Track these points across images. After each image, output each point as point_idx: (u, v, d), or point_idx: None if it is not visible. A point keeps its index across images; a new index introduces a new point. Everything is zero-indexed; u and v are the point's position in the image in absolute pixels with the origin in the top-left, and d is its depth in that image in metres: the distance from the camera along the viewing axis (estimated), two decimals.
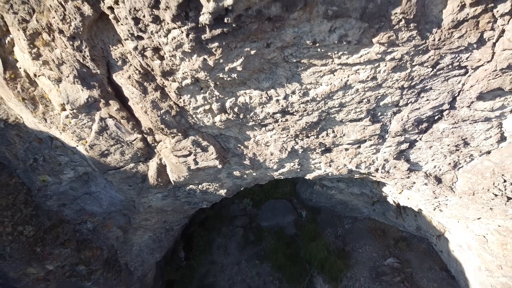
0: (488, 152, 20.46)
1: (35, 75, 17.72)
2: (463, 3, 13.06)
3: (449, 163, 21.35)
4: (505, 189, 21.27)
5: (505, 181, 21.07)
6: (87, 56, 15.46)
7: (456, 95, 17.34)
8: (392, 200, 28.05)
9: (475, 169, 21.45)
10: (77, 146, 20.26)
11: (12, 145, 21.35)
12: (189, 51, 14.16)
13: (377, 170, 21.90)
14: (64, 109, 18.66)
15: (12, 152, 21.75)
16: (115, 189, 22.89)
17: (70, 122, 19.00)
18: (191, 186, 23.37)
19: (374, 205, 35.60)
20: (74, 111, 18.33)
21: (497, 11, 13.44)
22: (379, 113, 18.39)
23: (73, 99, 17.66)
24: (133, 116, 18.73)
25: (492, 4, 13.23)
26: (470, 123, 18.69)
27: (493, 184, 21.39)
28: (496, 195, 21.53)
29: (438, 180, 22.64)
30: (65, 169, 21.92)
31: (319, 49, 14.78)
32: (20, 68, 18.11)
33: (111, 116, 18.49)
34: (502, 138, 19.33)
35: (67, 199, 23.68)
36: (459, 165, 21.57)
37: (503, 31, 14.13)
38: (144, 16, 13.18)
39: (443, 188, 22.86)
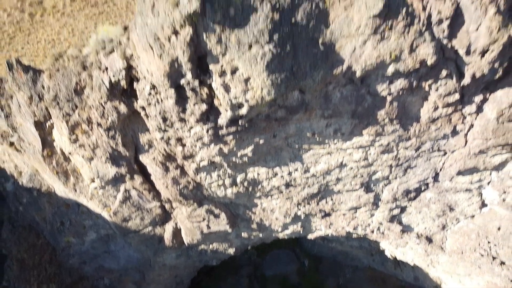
0: (472, 216, 22.74)
1: (70, 154, 20.34)
2: (436, 105, 15.81)
3: (438, 225, 23.56)
4: (490, 250, 23.37)
5: (489, 242, 23.22)
6: (119, 142, 18.12)
7: (438, 171, 19.86)
8: (389, 254, 29.96)
9: (462, 231, 23.63)
10: (102, 212, 22.58)
11: (42, 210, 23.69)
12: (208, 142, 16.80)
13: (372, 231, 24.08)
14: (93, 181, 21.13)
15: (41, 216, 24.05)
16: (133, 249, 24.99)
17: (98, 192, 21.42)
18: (202, 246, 25.49)
19: (373, 256, 37.37)
20: (102, 183, 20.79)
21: (465, 111, 16.21)
22: (372, 185, 20.81)
23: (102, 174, 20.18)
24: (154, 188, 21.18)
25: (461, 106, 16.00)
26: (454, 193, 21.08)
27: (479, 244, 23.53)
28: (482, 255, 23.60)
29: (429, 240, 24.76)
30: (88, 232, 24.14)
31: (317, 138, 17.43)
32: (56, 146, 20.75)
33: (134, 188, 20.94)
34: (484, 205, 21.69)
35: (88, 257, 25.72)
36: (447, 227, 23.77)
37: (472, 125, 16.86)
38: (171, 117, 15.91)
39: (434, 247, 24.93)
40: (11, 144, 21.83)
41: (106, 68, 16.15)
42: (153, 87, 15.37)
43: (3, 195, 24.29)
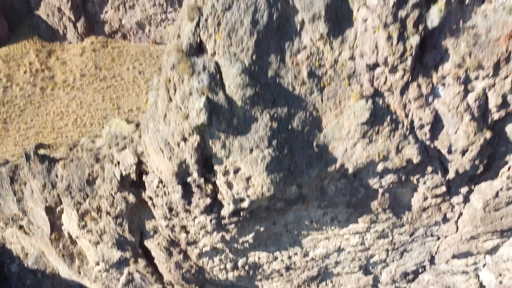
0: None
1: (77, 237, 21.06)
2: (426, 196, 16.87)
3: None
4: None
5: None
6: (126, 229, 18.96)
7: (434, 254, 20.48)
8: None
9: None
10: None
11: None
12: (211, 230, 17.64)
13: None
14: (97, 264, 21.63)
15: None
16: None
17: (102, 275, 21.82)
18: None
19: None
20: (107, 266, 21.28)
21: (453, 201, 17.25)
22: (371, 267, 21.29)
23: (107, 258, 20.74)
24: (157, 271, 21.61)
25: (449, 196, 17.07)
26: (451, 275, 21.49)
27: None
28: None
29: None
30: None
31: (315, 225, 18.29)
32: (64, 230, 21.53)
33: (137, 271, 21.38)
34: (482, 286, 21.96)
35: None
36: None
37: (461, 213, 17.81)
38: (177, 207, 16.91)
39: None
40: (21, 227, 22.63)
41: (118, 163, 17.45)
42: (161, 181, 16.54)
43: (7, 276, 24.58)
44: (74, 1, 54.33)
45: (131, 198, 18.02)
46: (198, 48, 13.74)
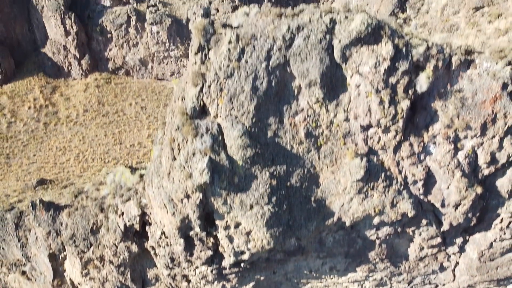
0: None
1: (79, 284, 21.28)
2: (422, 246, 17.29)
3: None
4: None
5: None
6: (128, 277, 19.23)
7: None
8: None
9: None
10: None
11: None
12: (212, 280, 17.95)
13: None
14: None
15: None
16: None
17: None
18: None
19: None
20: None
21: (449, 251, 17.66)
22: None
23: None
24: None
25: (444, 247, 17.49)
26: None
27: None
28: None
29: None
30: None
31: (314, 274, 18.61)
32: (66, 277, 21.76)
33: None
34: None
35: None
36: None
37: (457, 262, 18.18)
38: (179, 258, 17.28)
39: None
40: (23, 272, 22.86)
41: (122, 213, 17.97)
42: (164, 233, 17.02)
43: None
44: (79, 39, 56.10)
45: (134, 248, 18.44)
46: (201, 111, 14.56)
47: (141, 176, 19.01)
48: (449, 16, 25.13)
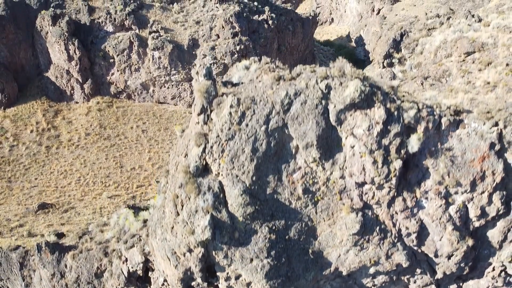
0: None
1: None
2: None
3: None
4: None
5: None
6: None
7: None
8: None
9: None
10: None
11: None
12: None
13: None
14: None
15: None
16: None
17: None
18: None
19: None
20: None
21: None
22: None
23: None
24: None
25: None
26: None
27: None
28: None
29: None
30: None
31: None
32: None
33: None
34: None
35: None
36: None
37: None
38: None
39: None
40: None
41: (126, 260, 18.53)
42: (166, 280, 17.56)
43: None
44: (82, 64, 57.17)
45: None
46: (203, 169, 15.28)
47: (145, 221, 19.62)
48: (442, 59, 26.08)
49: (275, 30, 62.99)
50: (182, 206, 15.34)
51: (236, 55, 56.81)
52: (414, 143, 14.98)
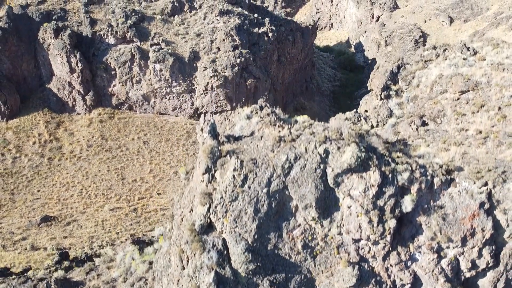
0: None
1: None
2: None
3: None
4: None
5: None
6: None
7: None
8: None
9: None
10: None
11: None
12: None
13: None
14: None
15: None
16: None
17: None
18: None
19: None
20: None
21: None
22: None
23: None
24: None
25: None
26: None
27: None
28: None
29: None
30: None
31: None
32: None
33: None
34: None
35: None
36: None
37: None
38: None
39: None
40: None
41: None
42: None
43: None
44: (84, 76, 57.83)
45: None
46: (208, 225, 16.09)
47: (150, 263, 20.46)
48: (437, 94, 26.85)
49: (275, 42, 63.54)
50: (188, 261, 16.16)
51: (236, 68, 57.51)
52: (407, 204, 15.80)
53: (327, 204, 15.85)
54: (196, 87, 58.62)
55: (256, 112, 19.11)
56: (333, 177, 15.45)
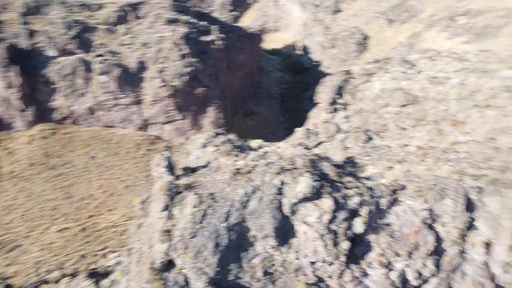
0: None
1: None
2: None
3: None
4: None
5: None
6: None
7: None
8: None
9: None
10: None
11: None
12: None
13: None
14: None
15: None
16: None
17: None
18: None
19: None
20: None
21: None
22: None
23: None
24: None
25: None
26: None
27: None
28: None
29: None
30: None
31: None
32: None
33: None
34: None
35: None
36: None
37: None
38: None
39: None
40: None
41: None
42: None
43: None
44: (23, 91, 54.40)
45: None
46: (168, 263, 16.09)
47: None
48: (380, 108, 28.47)
49: (224, 49, 63.73)
50: None
51: (185, 77, 57.06)
52: (359, 226, 16.82)
53: (284, 232, 16.47)
54: (144, 98, 57.42)
55: (210, 141, 19.32)
56: (289, 206, 16.09)
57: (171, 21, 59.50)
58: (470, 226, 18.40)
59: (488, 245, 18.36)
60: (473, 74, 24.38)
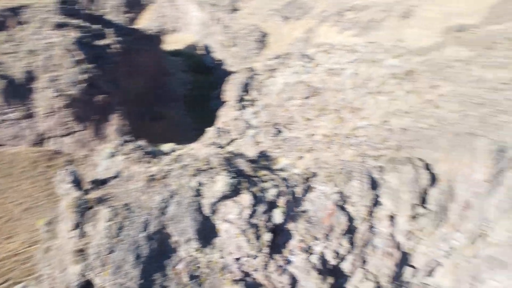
0: None
1: None
2: None
3: None
4: None
5: None
6: None
7: None
8: None
9: None
10: None
11: None
12: None
13: None
14: None
15: None
16: None
17: None
18: None
19: None
20: None
21: None
22: None
23: None
24: None
25: None
26: None
27: None
28: None
29: None
30: None
31: None
32: None
33: None
34: None
35: None
36: None
37: None
38: None
39: None
40: None
41: None
42: None
43: None
44: None
45: None
46: (86, 284, 14.90)
47: None
48: (286, 101, 29.71)
49: (122, 53, 60.77)
50: None
51: (82, 85, 53.22)
52: (278, 216, 17.43)
53: (206, 233, 16.35)
54: (37, 111, 52.20)
55: (118, 149, 18.31)
56: (209, 206, 16.00)
57: (60, 26, 54.83)
58: (376, 203, 20.22)
59: (392, 217, 20.38)
60: (364, 64, 26.78)
